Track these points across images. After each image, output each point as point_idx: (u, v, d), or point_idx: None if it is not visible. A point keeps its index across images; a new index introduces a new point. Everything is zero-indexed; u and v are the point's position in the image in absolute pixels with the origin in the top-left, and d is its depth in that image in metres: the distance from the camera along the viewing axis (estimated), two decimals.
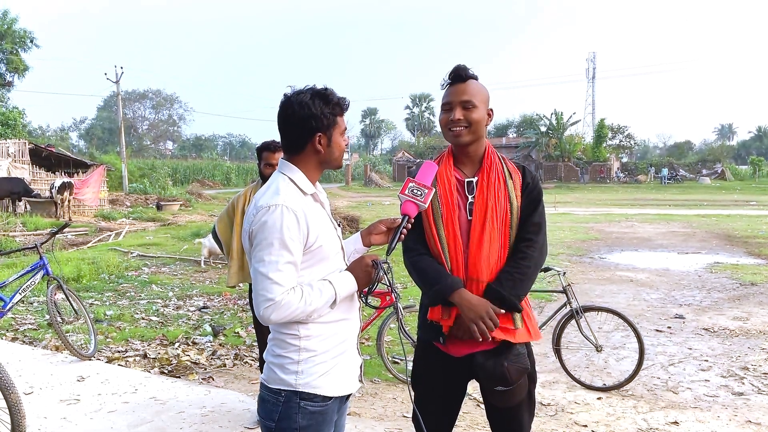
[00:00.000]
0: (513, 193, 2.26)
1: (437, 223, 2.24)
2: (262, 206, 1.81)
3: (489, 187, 2.25)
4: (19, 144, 23.75)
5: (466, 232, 2.24)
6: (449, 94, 2.28)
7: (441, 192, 2.26)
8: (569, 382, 4.77)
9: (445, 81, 2.31)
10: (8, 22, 37.25)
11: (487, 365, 2.20)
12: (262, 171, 3.89)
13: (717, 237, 14.72)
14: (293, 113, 1.88)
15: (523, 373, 2.23)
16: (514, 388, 2.21)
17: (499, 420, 2.36)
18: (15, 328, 6.42)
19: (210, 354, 5.60)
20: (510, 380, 2.19)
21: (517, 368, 2.21)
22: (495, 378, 2.20)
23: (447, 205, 2.25)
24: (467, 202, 2.26)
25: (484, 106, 2.27)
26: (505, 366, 2.19)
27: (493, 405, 2.33)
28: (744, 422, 4.04)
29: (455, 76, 2.27)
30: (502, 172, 2.28)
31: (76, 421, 3.95)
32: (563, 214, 21.96)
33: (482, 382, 2.29)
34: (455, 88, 2.27)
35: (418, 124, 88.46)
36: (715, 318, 6.87)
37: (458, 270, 2.23)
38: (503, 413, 2.32)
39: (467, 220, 2.25)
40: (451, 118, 2.24)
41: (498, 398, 2.26)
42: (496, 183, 2.25)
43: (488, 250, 2.21)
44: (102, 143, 74.10)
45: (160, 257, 11.87)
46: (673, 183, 49.22)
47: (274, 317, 1.78)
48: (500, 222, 2.23)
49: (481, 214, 2.22)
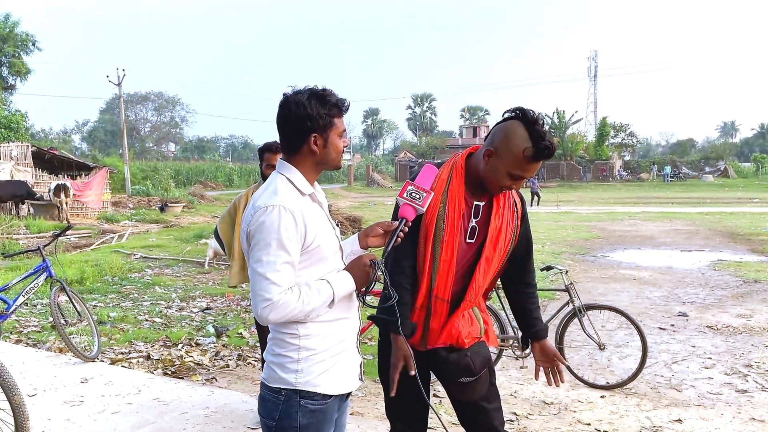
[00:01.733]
0: (517, 221, 2.30)
1: (435, 243, 2.17)
2: (259, 206, 1.81)
3: (503, 215, 2.24)
4: (22, 147, 23.82)
5: (462, 256, 2.22)
6: (526, 168, 2.08)
7: (449, 213, 2.17)
8: (572, 380, 4.77)
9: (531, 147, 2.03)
10: (10, 26, 37.31)
11: (452, 357, 2.24)
12: (264, 172, 3.90)
13: (720, 234, 14.69)
14: (290, 113, 1.88)
15: (486, 363, 2.28)
16: (477, 379, 2.25)
17: (468, 415, 2.36)
18: (19, 331, 6.43)
19: (213, 355, 5.61)
20: (474, 370, 2.24)
21: (480, 358, 2.26)
22: (460, 369, 2.24)
23: (452, 228, 2.17)
24: (469, 225, 2.22)
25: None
26: (469, 356, 2.24)
27: (459, 400, 2.35)
28: (748, 419, 4.03)
29: (543, 155, 2.04)
30: (510, 198, 2.29)
31: (79, 422, 3.96)
32: (566, 213, 21.95)
33: (446, 375, 2.30)
34: (533, 163, 2.07)
35: (420, 123, 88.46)
36: (718, 315, 6.86)
37: (444, 291, 2.20)
38: (470, 408, 2.33)
39: (466, 244, 2.22)
40: (512, 186, 2.15)
41: (462, 391, 2.29)
42: (504, 209, 2.25)
43: (490, 276, 2.27)
44: (104, 146, 74.31)
45: (163, 259, 11.89)
46: (676, 181, 49.16)
47: (272, 317, 1.79)
48: (504, 250, 2.26)
49: (493, 242, 2.22)
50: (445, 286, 2.20)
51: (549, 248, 12.52)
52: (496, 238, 2.21)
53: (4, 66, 38.22)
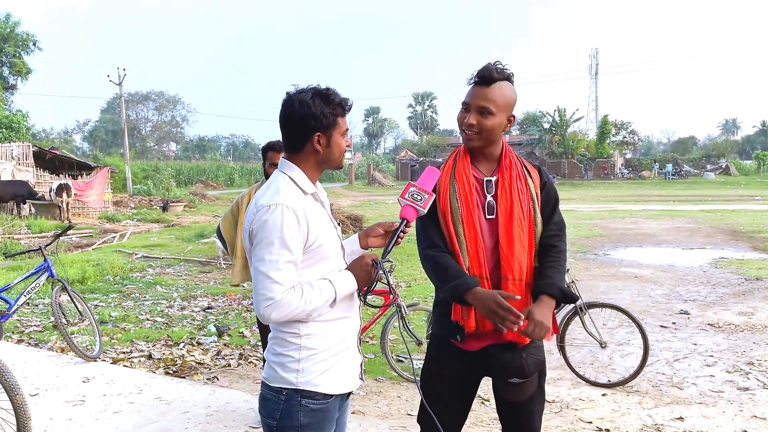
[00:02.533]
0: (534, 192, 2.25)
1: (456, 221, 2.17)
2: (262, 205, 1.81)
3: (511, 185, 2.21)
4: (23, 147, 23.84)
5: (488, 232, 2.20)
6: (470, 95, 2.20)
7: (460, 190, 2.19)
8: (574, 378, 4.77)
9: (471, 77, 2.21)
10: (11, 26, 37.33)
11: (505, 357, 2.16)
12: (267, 170, 3.92)
13: (722, 232, 14.68)
14: (293, 112, 1.88)
15: (540, 365, 2.21)
16: (527, 381, 2.18)
17: (511, 415, 2.31)
18: (20, 330, 6.44)
19: (214, 354, 5.61)
20: (527, 372, 2.16)
21: (534, 360, 2.19)
22: (512, 370, 2.16)
23: (466, 204, 2.18)
24: (485, 201, 2.21)
25: (504, 112, 2.19)
26: (524, 357, 2.16)
27: (505, 399, 2.29)
28: (749, 417, 4.03)
29: (481, 77, 2.16)
30: (522, 171, 2.26)
31: (81, 422, 3.96)
32: (567, 211, 21.84)
33: (497, 375, 2.24)
34: (477, 90, 2.17)
35: (421, 122, 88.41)
36: (720, 313, 6.85)
37: (479, 268, 2.17)
38: (515, 408, 2.28)
39: (486, 220, 2.21)
40: (465, 120, 2.20)
41: (510, 392, 2.23)
42: (517, 182, 2.22)
43: (520, 248, 2.17)
44: (105, 145, 74.33)
45: (164, 258, 11.90)
46: (678, 179, 49.10)
47: (274, 316, 1.79)
48: (526, 220, 2.20)
49: (507, 214, 2.18)
50: (479, 263, 2.16)
51: None
52: (509, 207, 2.18)
53: (5, 66, 38.26)
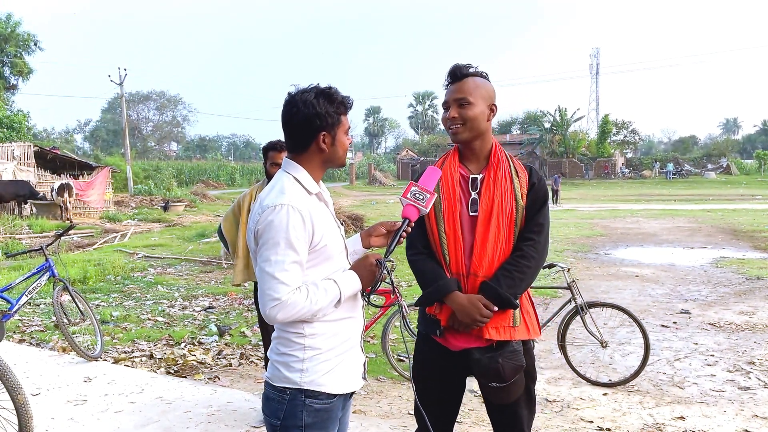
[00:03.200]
0: (519, 192, 2.25)
1: (438, 217, 2.26)
2: (267, 206, 1.81)
3: (496, 184, 2.25)
4: (24, 147, 23.84)
5: (468, 228, 2.25)
6: (447, 94, 2.32)
7: (443, 187, 2.27)
8: (575, 378, 4.77)
9: (445, 81, 2.35)
10: (12, 26, 37.34)
11: (482, 361, 2.20)
12: (268, 170, 3.92)
13: (723, 232, 14.68)
14: (297, 112, 1.88)
15: (518, 370, 2.21)
16: (510, 385, 2.21)
17: (498, 416, 2.36)
18: (22, 330, 6.45)
19: (216, 354, 5.62)
20: (504, 377, 2.19)
21: (512, 365, 2.20)
22: (489, 374, 2.20)
23: (449, 199, 2.26)
24: (469, 198, 2.27)
25: (483, 101, 2.26)
26: (500, 363, 2.19)
27: (491, 401, 2.34)
28: (750, 416, 4.03)
29: (452, 75, 2.31)
30: (508, 170, 2.28)
31: (83, 421, 3.97)
32: (568, 211, 21.93)
33: (478, 378, 2.28)
34: (452, 87, 2.31)
35: (422, 122, 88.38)
36: (721, 313, 6.85)
37: (458, 265, 2.25)
38: (501, 410, 2.32)
39: (469, 216, 2.25)
40: (447, 116, 2.29)
41: (494, 395, 2.27)
42: (502, 181, 2.26)
43: (493, 246, 2.22)
44: (106, 145, 74.34)
45: (165, 258, 11.91)
46: (678, 178, 49.11)
47: (280, 316, 1.79)
48: (506, 219, 2.23)
49: (487, 211, 2.22)
50: (458, 261, 2.24)
51: (551, 246, 12.47)
52: (490, 205, 2.23)
53: (6, 66, 38.26)
